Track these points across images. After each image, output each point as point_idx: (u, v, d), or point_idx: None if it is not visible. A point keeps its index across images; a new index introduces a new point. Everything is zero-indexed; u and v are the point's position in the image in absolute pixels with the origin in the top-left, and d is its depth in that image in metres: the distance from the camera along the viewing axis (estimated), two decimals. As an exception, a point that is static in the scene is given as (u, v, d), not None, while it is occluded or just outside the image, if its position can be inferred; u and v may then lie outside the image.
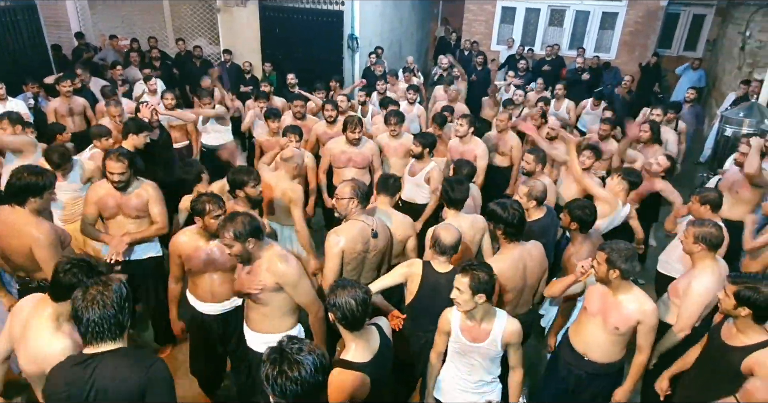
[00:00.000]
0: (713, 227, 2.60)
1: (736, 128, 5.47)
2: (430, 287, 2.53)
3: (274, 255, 2.41)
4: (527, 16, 10.74)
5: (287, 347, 1.52)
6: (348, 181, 2.83)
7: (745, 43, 7.80)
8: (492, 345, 2.25)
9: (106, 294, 1.69)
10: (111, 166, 3.01)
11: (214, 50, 9.41)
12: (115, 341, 1.72)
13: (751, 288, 2.07)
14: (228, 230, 2.29)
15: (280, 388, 1.46)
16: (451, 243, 2.49)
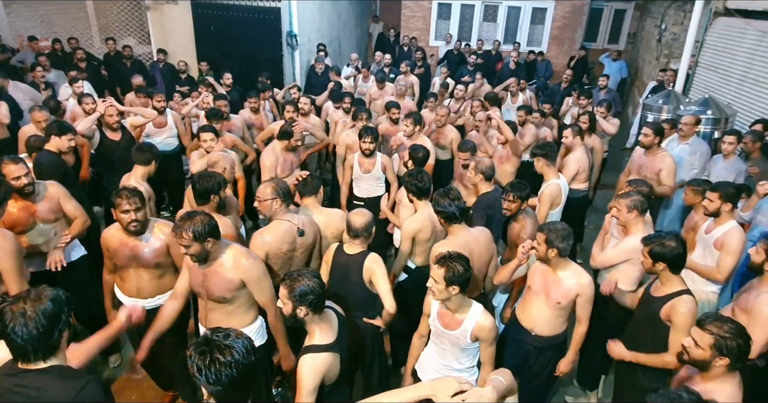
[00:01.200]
0: (639, 196, 2.94)
1: (656, 114, 5.88)
2: (339, 269, 2.64)
3: (238, 253, 2.40)
4: (463, 12, 11.05)
5: (213, 336, 1.50)
6: (267, 182, 2.84)
7: (661, 36, 8.41)
8: (462, 335, 2.30)
9: (30, 314, 1.54)
10: (10, 170, 2.84)
11: (145, 50, 9.00)
12: (45, 360, 1.61)
13: (659, 245, 2.36)
14: (186, 229, 2.22)
15: (214, 375, 1.43)
16: (361, 225, 2.60)
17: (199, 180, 2.88)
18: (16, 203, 2.92)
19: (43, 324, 1.54)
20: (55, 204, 3.06)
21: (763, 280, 2.48)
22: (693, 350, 1.89)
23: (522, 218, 3.19)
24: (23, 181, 2.86)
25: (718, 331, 1.83)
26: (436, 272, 2.16)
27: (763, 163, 4.38)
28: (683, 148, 4.69)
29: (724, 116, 5.23)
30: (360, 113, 4.62)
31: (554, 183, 3.69)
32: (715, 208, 3.09)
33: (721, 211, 3.09)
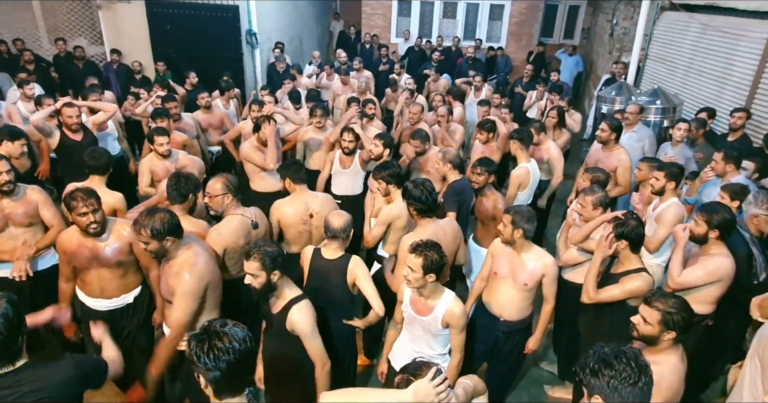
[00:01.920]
0: (601, 192, 3.05)
1: (610, 106, 6.11)
2: (317, 274, 2.61)
3: (185, 262, 2.34)
4: (423, 9, 11.16)
5: (211, 325, 1.54)
6: (217, 177, 2.83)
7: (613, 30, 8.73)
8: (433, 321, 2.34)
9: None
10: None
11: (98, 51, 8.69)
12: (13, 364, 1.61)
13: (621, 224, 2.52)
14: (145, 227, 2.23)
15: (213, 361, 1.46)
16: (340, 226, 2.58)
17: (179, 179, 2.84)
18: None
19: (8, 329, 1.55)
20: (32, 209, 2.97)
21: (704, 248, 2.69)
22: (642, 326, 2.00)
23: (491, 192, 3.33)
24: (5, 178, 2.78)
25: (664, 307, 1.94)
26: (413, 260, 2.19)
27: (707, 148, 4.63)
28: (630, 136, 4.91)
29: (672, 106, 5.49)
30: (316, 109, 4.60)
31: (524, 166, 3.84)
32: (660, 186, 3.31)
33: (666, 189, 3.30)
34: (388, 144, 3.84)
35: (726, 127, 5.14)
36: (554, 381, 3.54)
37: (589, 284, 2.60)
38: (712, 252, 2.65)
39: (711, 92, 5.82)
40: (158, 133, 3.86)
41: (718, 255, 2.63)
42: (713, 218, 2.59)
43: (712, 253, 2.65)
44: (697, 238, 2.68)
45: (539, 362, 3.68)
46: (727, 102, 5.46)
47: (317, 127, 4.60)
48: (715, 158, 3.65)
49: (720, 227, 2.60)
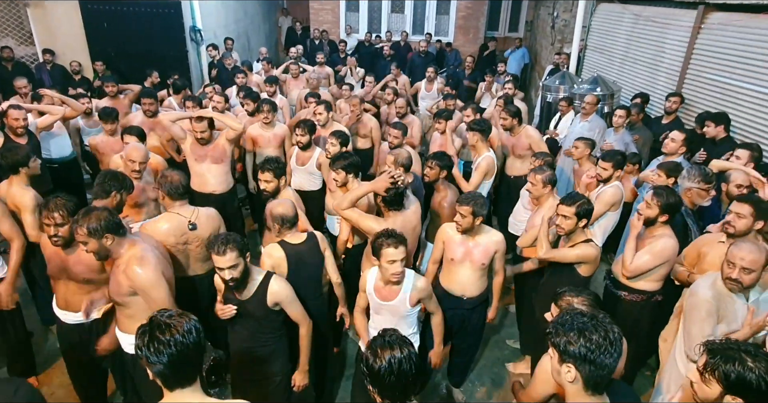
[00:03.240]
0: (549, 171, 3.23)
1: (555, 94, 6.37)
2: (295, 262, 2.64)
3: (132, 257, 2.27)
4: (371, 5, 11.18)
5: (156, 317, 1.52)
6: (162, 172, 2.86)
7: (554, 23, 9.06)
8: (401, 302, 2.41)
9: None
10: None
11: (28, 51, 8.18)
12: None
13: (583, 204, 2.66)
14: (81, 226, 2.16)
15: (154, 353, 1.44)
16: (292, 213, 2.63)
17: (105, 176, 2.79)
18: None
19: None
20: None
21: (650, 229, 2.81)
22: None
23: (443, 187, 3.39)
24: None
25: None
26: (399, 250, 2.25)
27: (643, 131, 4.92)
28: (583, 125, 5.12)
29: (611, 92, 5.78)
30: (263, 105, 4.52)
31: (488, 156, 3.93)
32: (608, 175, 3.48)
33: (613, 177, 3.47)
34: (344, 142, 3.84)
35: (659, 111, 5.47)
36: (515, 359, 3.68)
37: (543, 240, 2.79)
38: (657, 234, 2.76)
39: (645, 79, 6.17)
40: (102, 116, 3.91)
41: (662, 237, 2.73)
42: (667, 202, 2.68)
43: (656, 234, 2.76)
44: (647, 220, 2.78)
45: (507, 340, 3.82)
46: (660, 87, 5.80)
47: (265, 123, 4.53)
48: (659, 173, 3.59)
49: (670, 211, 2.72)
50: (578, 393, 1.49)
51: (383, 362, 1.55)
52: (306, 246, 2.67)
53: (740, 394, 1.50)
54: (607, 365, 1.42)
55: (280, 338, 2.50)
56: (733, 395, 1.52)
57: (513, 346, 3.78)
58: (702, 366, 1.59)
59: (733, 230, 2.60)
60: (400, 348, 1.58)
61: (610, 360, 1.42)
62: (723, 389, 1.53)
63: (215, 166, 4.02)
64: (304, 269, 2.67)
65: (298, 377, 2.59)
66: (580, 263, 2.71)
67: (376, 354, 1.58)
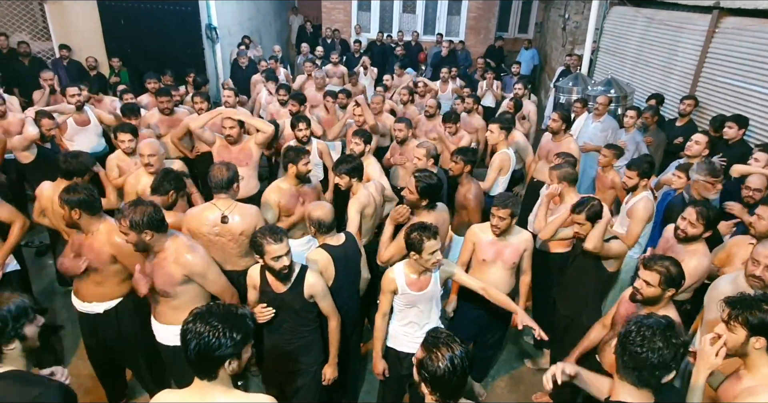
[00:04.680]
0: (569, 167, 3.27)
1: (568, 95, 6.44)
2: (343, 263, 2.69)
3: (181, 246, 2.35)
4: (383, 4, 11.24)
5: (206, 308, 1.59)
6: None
7: (565, 24, 9.12)
8: (434, 287, 2.51)
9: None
10: None
11: (43, 47, 8.26)
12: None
13: (593, 206, 2.74)
14: (126, 217, 2.23)
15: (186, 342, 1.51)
16: (332, 219, 2.66)
17: (161, 178, 2.91)
18: None
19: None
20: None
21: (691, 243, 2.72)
22: (645, 289, 2.17)
23: (466, 181, 3.47)
24: None
25: (663, 268, 2.12)
26: (434, 243, 2.32)
27: (657, 134, 4.97)
28: (596, 126, 5.20)
29: (624, 94, 5.84)
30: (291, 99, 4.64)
31: (505, 152, 4.03)
32: (633, 184, 3.45)
33: (639, 186, 3.45)
34: (367, 140, 3.89)
35: (672, 114, 5.54)
36: (533, 354, 3.75)
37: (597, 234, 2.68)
38: (692, 249, 2.69)
39: (658, 81, 6.23)
40: (122, 130, 3.80)
41: (696, 253, 2.67)
42: (709, 217, 2.61)
43: (691, 249, 2.69)
44: (690, 238, 2.68)
45: (523, 336, 3.88)
46: (672, 90, 5.87)
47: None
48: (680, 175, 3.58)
49: (713, 226, 2.66)
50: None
51: (445, 362, 1.54)
52: (348, 245, 2.73)
53: (763, 333, 1.77)
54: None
55: (315, 330, 2.56)
56: (757, 335, 1.78)
57: (529, 342, 3.85)
58: (726, 316, 1.83)
59: (755, 232, 2.67)
60: (457, 345, 1.57)
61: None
62: (748, 332, 1.78)
63: (240, 169, 4.04)
64: (349, 269, 2.74)
65: (328, 370, 2.64)
66: (608, 258, 2.77)
67: (436, 357, 1.55)
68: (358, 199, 3.17)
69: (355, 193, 3.21)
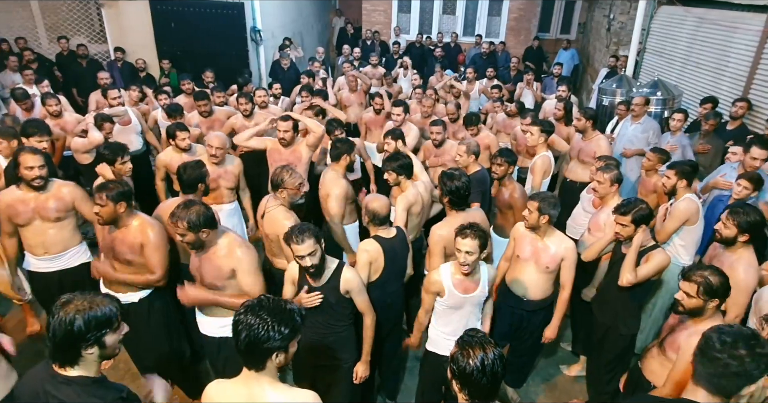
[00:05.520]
0: (616, 170, 3.22)
1: (611, 98, 6.28)
2: (392, 256, 2.75)
3: (233, 241, 2.45)
4: (422, 6, 11.27)
5: (258, 301, 1.61)
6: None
7: (610, 25, 8.89)
8: (481, 292, 2.53)
9: (64, 318, 1.50)
10: (25, 159, 2.85)
11: (100, 49, 8.72)
12: (72, 366, 1.55)
13: (640, 210, 2.66)
14: (182, 219, 2.30)
15: (238, 333, 1.56)
16: (387, 212, 2.73)
17: (186, 170, 2.97)
18: (22, 193, 2.94)
19: (60, 335, 1.51)
20: (63, 204, 3.02)
21: (731, 249, 2.68)
22: (686, 300, 2.11)
23: (510, 182, 3.47)
24: (35, 173, 2.87)
25: (702, 277, 2.05)
26: (471, 243, 2.33)
27: (715, 139, 4.65)
28: (636, 128, 5.05)
29: (671, 96, 5.66)
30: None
31: (545, 155, 4.00)
32: (671, 184, 3.33)
33: (677, 187, 3.32)
34: (398, 136, 3.95)
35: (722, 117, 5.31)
36: (569, 360, 3.70)
37: (627, 269, 2.64)
38: (736, 257, 2.62)
39: (708, 83, 6.00)
40: (179, 128, 3.99)
41: (742, 263, 2.58)
42: (745, 221, 2.56)
43: (735, 257, 2.62)
44: (725, 240, 2.67)
45: (560, 342, 3.83)
46: (724, 92, 5.63)
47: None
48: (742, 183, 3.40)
49: (750, 231, 2.58)
50: None
51: (476, 363, 1.56)
52: (397, 240, 2.80)
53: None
54: None
55: (350, 326, 2.61)
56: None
57: (566, 348, 3.80)
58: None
59: None
60: (491, 348, 1.59)
61: None
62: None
63: None
64: (397, 262, 2.81)
65: (360, 367, 2.66)
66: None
67: (468, 354, 1.58)
68: (405, 196, 3.22)
69: (404, 190, 3.28)
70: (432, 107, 5.19)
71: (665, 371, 2.19)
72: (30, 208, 2.97)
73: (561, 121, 5.27)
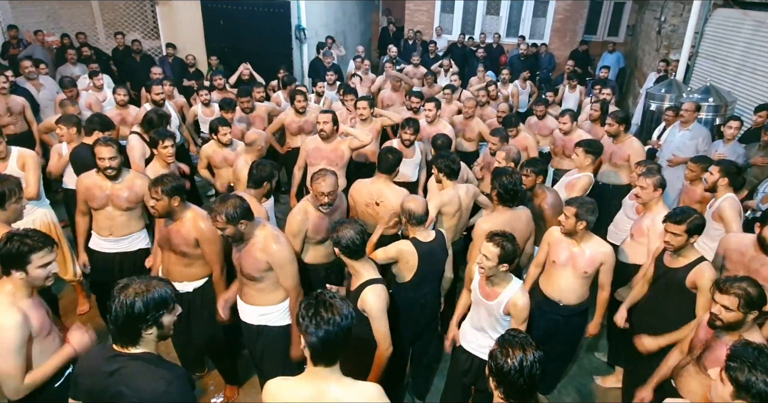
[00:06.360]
0: (659, 175, 3.13)
1: (659, 103, 6.08)
2: (426, 259, 2.74)
3: (268, 235, 2.53)
4: (466, 6, 11.20)
5: (322, 294, 1.64)
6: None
7: (660, 28, 8.59)
8: (497, 306, 2.45)
9: (125, 301, 1.58)
10: (99, 151, 3.03)
11: (152, 44, 9.11)
12: (134, 346, 1.64)
13: (695, 219, 2.54)
14: (220, 213, 2.38)
15: (314, 327, 1.56)
16: (423, 212, 2.72)
17: (257, 167, 3.09)
18: (100, 180, 3.15)
19: (122, 317, 1.59)
20: (134, 196, 3.18)
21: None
22: (724, 314, 2.05)
23: (541, 191, 3.42)
24: (106, 164, 3.06)
25: (741, 290, 1.99)
26: (490, 250, 2.30)
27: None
28: (684, 134, 4.88)
29: (724, 103, 5.43)
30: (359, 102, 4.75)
31: (590, 175, 3.87)
32: (713, 181, 3.26)
33: (718, 185, 3.26)
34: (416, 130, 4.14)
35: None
36: (603, 371, 3.63)
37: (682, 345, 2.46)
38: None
39: (765, 91, 5.71)
40: (221, 123, 4.16)
41: None
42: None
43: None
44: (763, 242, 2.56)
45: (594, 352, 3.76)
46: (782, 101, 5.36)
47: (362, 120, 4.76)
48: None
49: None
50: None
51: (514, 363, 1.56)
52: (436, 243, 2.79)
53: None
54: None
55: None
56: None
57: (601, 359, 3.72)
58: None
59: None
60: (531, 350, 1.59)
61: None
62: None
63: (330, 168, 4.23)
64: (433, 266, 2.80)
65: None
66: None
67: (507, 353, 1.58)
68: (440, 196, 3.25)
69: (444, 188, 3.32)
70: (474, 108, 5.17)
71: (706, 390, 2.12)
72: (105, 194, 3.16)
73: (597, 122, 5.18)
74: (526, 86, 7.17)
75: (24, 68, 6.08)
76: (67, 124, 3.99)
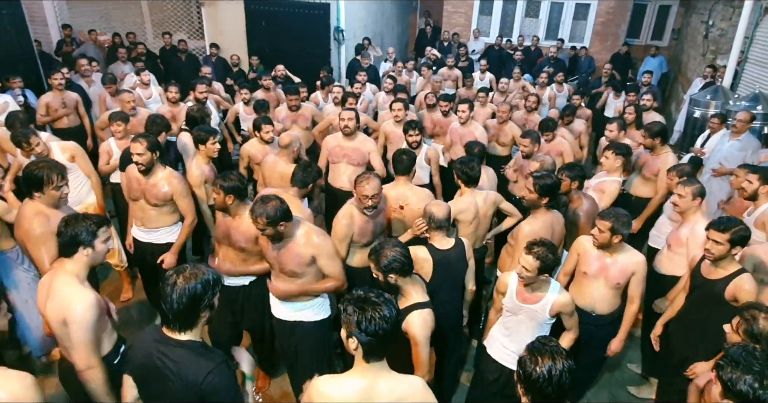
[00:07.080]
0: (699, 183, 3.06)
1: (704, 110, 5.90)
2: (442, 267, 2.72)
3: (310, 230, 2.61)
4: (504, 8, 11.10)
5: (367, 295, 1.66)
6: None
7: (708, 32, 8.31)
8: (541, 309, 2.45)
9: (180, 287, 1.65)
10: (133, 146, 3.20)
11: (197, 44, 9.44)
12: (182, 332, 1.71)
13: (739, 230, 2.46)
14: (261, 215, 2.41)
15: (374, 327, 1.58)
16: (444, 216, 2.73)
17: (305, 170, 3.20)
18: (138, 173, 3.31)
19: (184, 301, 1.65)
20: (163, 195, 3.30)
21: None
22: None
23: (576, 197, 3.39)
24: (136, 159, 3.22)
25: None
26: (529, 262, 2.30)
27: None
28: (733, 144, 4.70)
29: (774, 111, 5.23)
30: (393, 103, 4.80)
31: (617, 180, 3.83)
32: (753, 189, 3.18)
33: (759, 193, 3.18)
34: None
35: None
36: (637, 382, 3.56)
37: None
38: None
39: (820, 99, 5.46)
40: (265, 121, 4.28)
41: None
42: None
43: None
44: None
45: (629, 363, 3.69)
46: (838, 110, 5.12)
47: (396, 121, 4.80)
48: None
49: None
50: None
51: (542, 371, 1.56)
52: (454, 252, 2.76)
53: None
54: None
55: None
56: None
57: (634, 370, 3.65)
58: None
59: None
60: (561, 359, 1.59)
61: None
62: None
63: (350, 167, 4.23)
64: (450, 274, 2.77)
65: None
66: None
67: (536, 361, 1.58)
68: (456, 202, 3.26)
69: (462, 195, 3.33)
70: (508, 113, 5.15)
71: None
72: (140, 188, 3.32)
73: (632, 125, 5.05)
74: (562, 89, 7.06)
75: (81, 66, 6.44)
76: (117, 120, 4.20)
